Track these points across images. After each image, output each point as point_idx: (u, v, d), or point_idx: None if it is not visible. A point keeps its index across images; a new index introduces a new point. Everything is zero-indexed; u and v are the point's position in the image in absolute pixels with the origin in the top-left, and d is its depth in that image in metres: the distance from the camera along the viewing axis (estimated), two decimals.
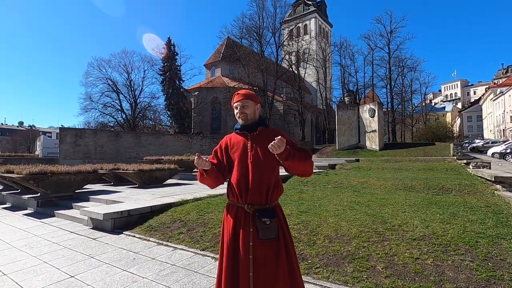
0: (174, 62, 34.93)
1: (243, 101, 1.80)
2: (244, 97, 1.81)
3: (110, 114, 35.35)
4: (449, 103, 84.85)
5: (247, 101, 1.81)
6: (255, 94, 1.91)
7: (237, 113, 1.81)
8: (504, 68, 76.27)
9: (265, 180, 1.70)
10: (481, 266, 2.72)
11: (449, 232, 3.58)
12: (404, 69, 38.84)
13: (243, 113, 1.79)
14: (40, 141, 38.51)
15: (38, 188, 6.86)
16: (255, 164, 1.70)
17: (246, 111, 1.79)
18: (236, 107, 1.82)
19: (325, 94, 40.96)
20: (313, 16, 57.65)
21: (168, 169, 10.21)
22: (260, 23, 35.48)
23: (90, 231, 4.98)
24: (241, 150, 1.77)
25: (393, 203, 5.45)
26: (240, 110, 1.80)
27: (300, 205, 5.53)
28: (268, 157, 1.70)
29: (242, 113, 1.80)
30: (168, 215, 5.18)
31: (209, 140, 27.21)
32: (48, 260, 3.64)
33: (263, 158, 1.71)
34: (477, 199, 5.74)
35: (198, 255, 3.62)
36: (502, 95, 45.75)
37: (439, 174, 9.80)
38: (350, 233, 3.72)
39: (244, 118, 1.80)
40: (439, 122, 51.42)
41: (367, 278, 2.71)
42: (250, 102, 1.81)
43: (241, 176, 1.72)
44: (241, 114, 1.80)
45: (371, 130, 23.35)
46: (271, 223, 1.65)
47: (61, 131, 19.06)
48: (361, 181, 8.50)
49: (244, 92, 1.86)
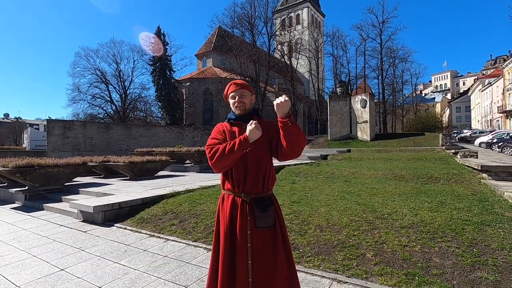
0: (165, 52, 34.23)
1: (240, 91, 1.78)
2: (241, 86, 1.79)
3: (99, 106, 34.64)
4: (439, 93, 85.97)
5: (245, 91, 1.79)
6: (250, 85, 1.89)
7: (235, 102, 1.78)
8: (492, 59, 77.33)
9: (262, 169, 1.71)
10: (467, 252, 2.80)
11: (437, 220, 3.67)
12: (395, 59, 39.20)
13: (241, 102, 1.77)
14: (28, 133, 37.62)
15: (26, 181, 6.72)
16: (252, 153, 1.68)
17: (244, 101, 1.78)
18: (233, 97, 1.79)
19: (317, 85, 40.94)
20: (305, 6, 57.00)
21: (159, 161, 10.12)
22: (252, 12, 35.01)
23: (81, 224, 4.92)
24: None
25: (383, 193, 5.54)
26: (239, 100, 1.77)
27: (292, 195, 5.57)
28: (264, 146, 1.71)
29: (240, 102, 1.77)
30: (160, 207, 5.16)
31: (201, 132, 27.04)
32: (37, 253, 3.59)
33: (260, 147, 1.70)
34: (464, 188, 5.88)
35: (190, 246, 3.62)
36: (490, 86, 46.58)
37: (428, 163, 9.99)
38: (341, 222, 3.77)
39: (242, 107, 1.78)
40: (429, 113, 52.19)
41: (356, 266, 2.76)
42: (247, 91, 1.80)
43: (237, 165, 1.70)
44: (239, 104, 1.77)
45: (363, 121, 23.56)
46: (268, 211, 1.66)
47: (49, 123, 18.60)
48: (352, 171, 8.61)
49: (240, 82, 1.83)
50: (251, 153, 1.68)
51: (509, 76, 37.50)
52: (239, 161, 1.69)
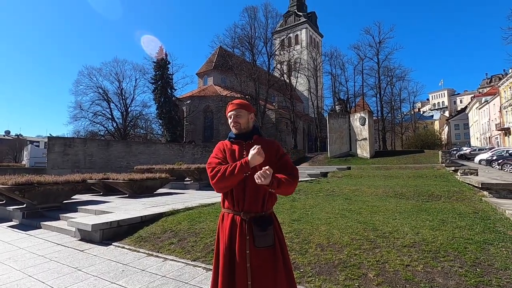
0: (166, 71, 34.90)
1: (236, 110, 1.84)
2: (237, 106, 1.85)
3: (100, 123, 34.92)
4: (437, 111, 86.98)
5: (241, 111, 1.85)
6: (249, 104, 1.95)
7: (231, 122, 1.85)
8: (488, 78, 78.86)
9: (261, 189, 1.70)
10: (470, 272, 2.76)
11: (439, 238, 3.63)
12: (393, 78, 39.90)
13: (236, 122, 1.83)
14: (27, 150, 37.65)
15: (24, 199, 6.67)
16: (252, 172, 1.71)
17: (239, 121, 1.83)
18: (230, 117, 1.86)
19: (316, 102, 41.46)
20: (304, 27, 58.79)
21: (159, 178, 10.09)
22: (252, 33, 36.00)
23: (78, 242, 4.85)
24: (237, 158, 1.78)
25: (384, 211, 5.50)
26: (234, 119, 1.83)
27: (292, 213, 5.53)
28: (264, 165, 1.72)
29: (235, 122, 1.83)
30: (159, 225, 5.10)
31: (201, 149, 27.06)
32: (33, 273, 3.52)
33: (258, 166, 1.72)
34: (465, 206, 5.84)
35: (189, 266, 3.56)
36: (487, 104, 47.19)
37: (428, 181, 9.96)
38: (341, 241, 3.73)
39: (238, 127, 1.83)
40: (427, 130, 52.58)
41: (358, 286, 2.71)
42: (243, 111, 1.85)
43: (238, 184, 1.72)
44: (235, 124, 1.83)
45: (362, 138, 23.67)
46: (268, 231, 1.66)
47: (50, 140, 18.67)
48: (353, 189, 8.57)
49: (237, 101, 1.89)
50: (251, 172, 1.71)
51: (505, 94, 38.08)
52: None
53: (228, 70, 37.62)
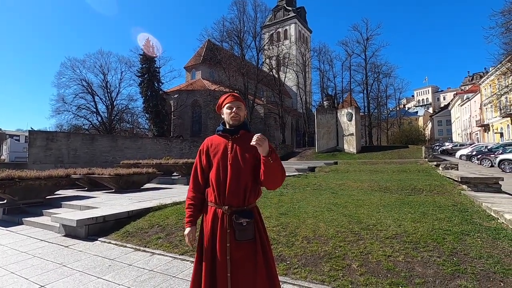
0: (153, 64, 34.23)
1: (237, 103, 1.84)
2: (238, 99, 1.87)
3: (84, 117, 33.96)
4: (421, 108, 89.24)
5: (241, 104, 1.86)
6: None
7: (231, 113, 1.82)
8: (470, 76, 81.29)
9: (243, 182, 1.72)
10: (447, 261, 2.90)
11: (419, 230, 3.78)
12: (379, 75, 40.59)
13: (237, 114, 1.82)
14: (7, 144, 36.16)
15: (4, 194, 6.47)
16: (234, 166, 1.73)
17: (240, 113, 1.83)
18: (230, 107, 1.83)
19: (305, 98, 41.74)
20: (293, 22, 58.73)
21: (146, 173, 9.97)
22: (241, 27, 35.77)
23: (62, 238, 4.76)
24: (221, 151, 1.79)
25: (368, 204, 5.66)
26: (236, 111, 1.82)
27: (280, 207, 5.60)
28: (248, 160, 1.74)
29: (237, 114, 1.82)
30: (146, 220, 5.07)
31: (189, 144, 26.84)
32: (16, 270, 3.45)
33: (242, 160, 1.74)
34: (445, 199, 6.08)
35: (177, 260, 3.57)
36: (468, 101, 48.80)
37: (412, 175, 10.27)
38: (327, 233, 3.83)
39: (238, 119, 1.83)
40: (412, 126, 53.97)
41: (342, 276, 2.80)
42: (242, 105, 1.87)
43: (219, 177, 1.74)
44: (236, 115, 1.82)
45: (349, 134, 24.07)
46: (248, 224, 1.68)
47: (31, 134, 18.03)
48: (339, 183, 8.74)
49: (236, 94, 1.92)
50: (233, 166, 1.73)
51: (486, 91, 39.46)
52: (221, 173, 1.74)
53: (217, 64, 37.25)
